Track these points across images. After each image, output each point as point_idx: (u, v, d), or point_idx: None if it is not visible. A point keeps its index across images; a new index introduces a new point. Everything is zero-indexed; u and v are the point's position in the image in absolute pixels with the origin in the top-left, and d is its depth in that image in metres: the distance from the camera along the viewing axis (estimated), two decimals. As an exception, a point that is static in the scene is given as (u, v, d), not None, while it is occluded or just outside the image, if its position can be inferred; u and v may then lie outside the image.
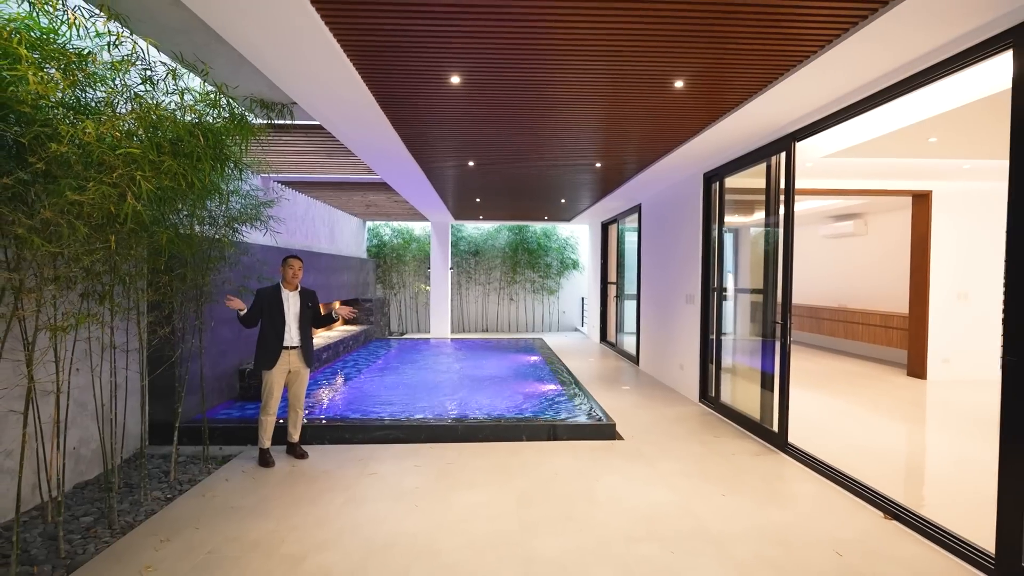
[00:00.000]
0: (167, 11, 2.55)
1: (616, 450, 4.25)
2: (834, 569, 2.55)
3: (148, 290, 3.42)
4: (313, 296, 4.14)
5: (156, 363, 4.06)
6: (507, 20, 2.56)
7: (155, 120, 2.55)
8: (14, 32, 2.06)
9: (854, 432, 4.67)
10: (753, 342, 5.02)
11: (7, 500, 3.00)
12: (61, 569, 2.52)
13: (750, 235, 5.34)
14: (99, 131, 2.22)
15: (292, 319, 3.93)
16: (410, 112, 4.01)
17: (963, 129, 4.49)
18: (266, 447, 3.89)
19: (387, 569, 2.54)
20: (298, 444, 4.11)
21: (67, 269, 2.52)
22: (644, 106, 3.84)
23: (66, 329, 2.51)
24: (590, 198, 8.44)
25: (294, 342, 3.93)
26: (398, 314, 13.20)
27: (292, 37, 2.67)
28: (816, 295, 10.16)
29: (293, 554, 2.66)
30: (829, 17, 2.51)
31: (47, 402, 3.14)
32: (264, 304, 3.88)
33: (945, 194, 6.79)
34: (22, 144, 2.19)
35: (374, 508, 3.21)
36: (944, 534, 2.75)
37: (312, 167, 6.44)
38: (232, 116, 3.08)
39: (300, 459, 4.01)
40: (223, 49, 2.91)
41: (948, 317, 6.79)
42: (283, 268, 3.99)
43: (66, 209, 2.21)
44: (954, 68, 2.76)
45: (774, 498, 3.36)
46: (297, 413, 4.07)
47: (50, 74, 2.14)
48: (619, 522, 3.02)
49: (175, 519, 3.05)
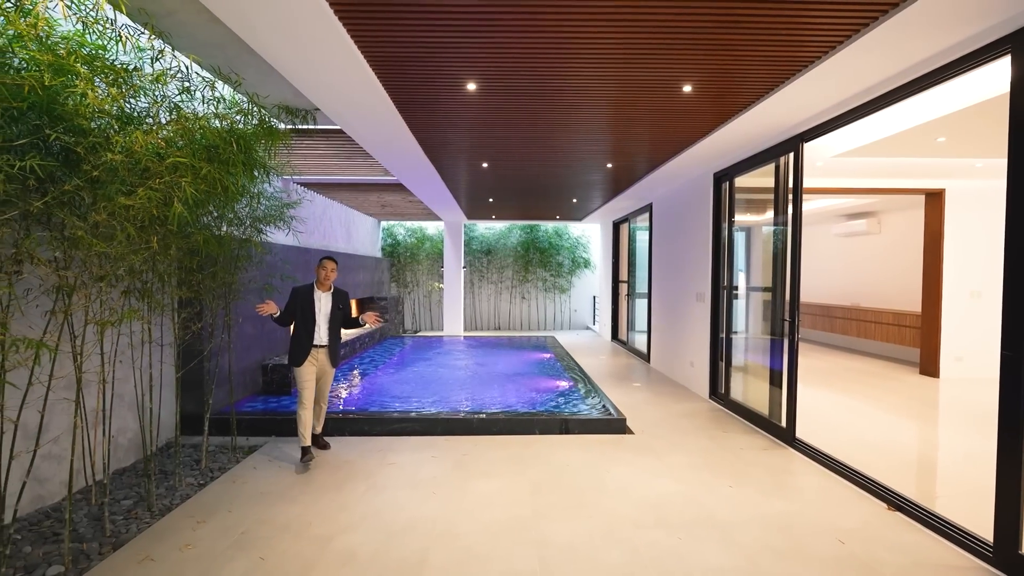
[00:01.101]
0: (205, 27, 2.74)
1: (626, 444, 4.37)
2: (834, 555, 2.65)
3: (182, 288, 3.63)
4: (345, 298, 4.21)
5: (187, 357, 4.28)
6: (523, 31, 2.70)
7: (197, 129, 2.74)
8: (71, 51, 2.24)
9: (863, 428, 4.73)
10: (763, 340, 5.11)
11: (53, 484, 3.23)
12: (108, 546, 2.72)
13: (760, 234, 5.42)
14: (145, 140, 2.41)
15: (322, 319, 4.00)
16: (427, 117, 4.17)
17: (971, 129, 4.53)
18: (308, 444, 3.91)
19: (408, 550, 2.70)
20: (321, 436, 4.28)
21: (113, 268, 2.72)
22: (654, 109, 3.96)
23: (114, 324, 2.71)
24: (601, 198, 8.55)
25: (323, 341, 4.01)
26: (412, 312, 13.41)
27: (319, 49, 2.84)
28: (829, 294, 10.15)
29: (321, 535, 2.84)
30: (833, 24, 2.61)
31: (89, 393, 3.36)
32: (297, 303, 3.99)
33: (958, 192, 6.79)
34: (74, 153, 2.39)
35: (394, 495, 3.37)
36: (944, 524, 2.84)
37: (331, 169, 6.65)
38: (261, 123, 3.26)
39: (323, 450, 4.21)
40: (253, 60, 3.09)
41: (962, 315, 6.79)
42: (317, 269, 4.06)
43: (116, 212, 2.40)
44: (956, 72, 2.84)
45: (780, 490, 3.46)
46: (321, 407, 4.22)
47: (103, 89, 2.33)
48: (628, 510, 3.15)
49: (209, 503, 3.25)
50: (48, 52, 2.17)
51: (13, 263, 2.38)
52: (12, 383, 2.20)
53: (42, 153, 2.28)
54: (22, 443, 2.73)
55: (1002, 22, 2.50)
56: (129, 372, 3.75)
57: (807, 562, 2.59)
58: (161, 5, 2.61)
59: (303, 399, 3.95)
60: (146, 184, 2.41)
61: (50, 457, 3.18)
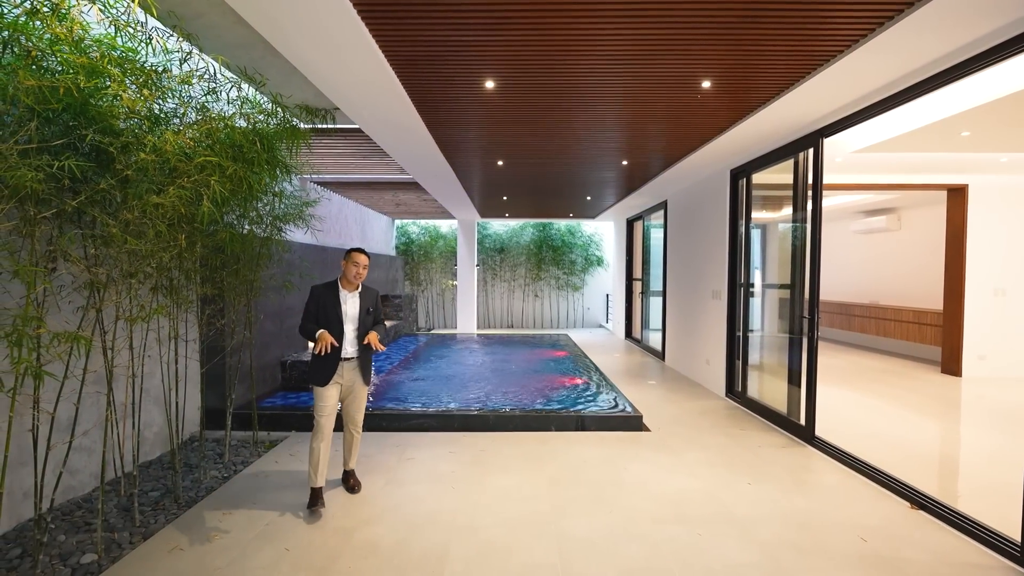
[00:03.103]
0: (231, 29, 2.80)
1: (643, 441, 4.37)
2: (857, 552, 2.64)
3: (206, 285, 3.70)
4: (374, 297, 3.40)
5: (210, 353, 4.37)
6: (541, 28, 2.72)
7: (223, 129, 2.80)
8: (103, 54, 2.31)
9: (884, 427, 4.68)
10: (780, 337, 5.07)
11: (83, 476, 3.32)
12: (138, 536, 2.80)
13: (777, 231, 5.37)
14: (175, 140, 2.47)
15: (349, 324, 3.21)
16: (445, 115, 4.21)
17: (997, 123, 4.44)
18: (317, 485, 3.11)
19: (430, 542, 2.74)
20: (353, 473, 3.44)
21: (141, 265, 2.79)
22: (671, 105, 3.95)
23: (144, 319, 2.78)
24: (615, 195, 8.53)
25: (349, 352, 3.20)
26: (426, 310, 13.50)
27: (341, 50, 2.89)
28: (847, 291, 10.02)
29: (343, 527, 2.89)
30: (857, 17, 2.58)
31: (117, 387, 3.44)
32: (319, 305, 3.20)
33: (982, 188, 6.66)
34: (106, 153, 2.46)
35: (413, 489, 3.42)
36: (970, 523, 2.81)
37: (347, 168, 6.72)
38: (284, 122, 3.32)
39: (352, 493, 3.34)
40: (276, 61, 3.15)
41: (985, 313, 6.67)
42: (345, 263, 3.20)
43: (146, 211, 2.47)
44: (982, 65, 2.79)
45: (799, 487, 3.44)
46: (353, 436, 3.37)
47: (136, 90, 2.40)
48: (646, 505, 3.16)
49: (233, 495, 3.32)
50: (82, 55, 2.23)
51: (48, 260, 2.46)
52: (52, 373, 2.27)
53: (75, 153, 2.36)
54: (55, 435, 2.82)
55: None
56: (156, 367, 3.84)
57: (829, 559, 2.58)
58: (190, 7, 2.67)
59: (320, 427, 3.12)
60: (175, 183, 2.47)
61: (80, 449, 3.27)
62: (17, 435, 2.74)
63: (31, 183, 2.01)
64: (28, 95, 2.03)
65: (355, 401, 3.32)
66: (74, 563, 2.53)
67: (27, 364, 2.13)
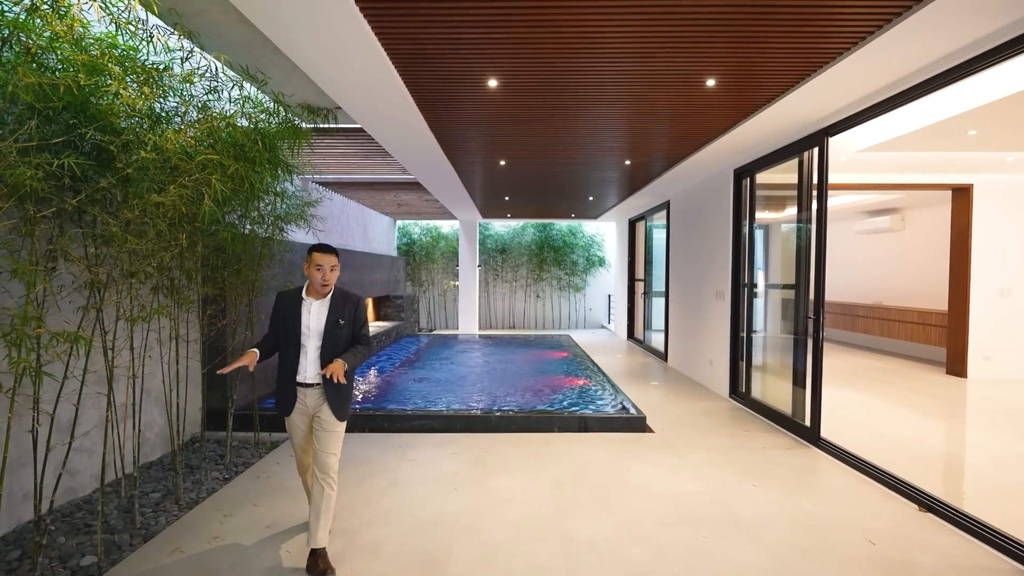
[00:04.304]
0: (233, 27, 2.78)
1: (646, 442, 4.34)
2: (865, 555, 2.60)
3: (207, 285, 3.68)
4: (353, 306, 2.60)
5: (211, 354, 4.35)
6: (544, 26, 2.69)
7: (224, 128, 2.78)
8: (104, 52, 2.29)
9: (889, 428, 4.64)
10: (784, 338, 5.03)
11: (83, 477, 3.30)
12: (138, 538, 2.77)
13: (781, 231, 5.34)
14: (176, 138, 2.45)
15: (311, 340, 2.49)
16: (447, 114, 4.18)
17: (1004, 121, 4.41)
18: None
19: (433, 544, 2.71)
20: (322, 555, 2.41)
21: (142, 265, 2.77)
22: (676, 105, 3.92)
23: (145, 319, 2.76)
24: (618, 195, 8.50)
25: (309, 377, 2.48)
26: (427, 311, 13.48)
27: (344, 48, 2.87)
28: (851, 292, 9.97)
29: (347, 529, 2.86)
30: (864, 13, 2.55)
31: (118, 388, 3.42)
32: (279, 316, 2.57)
33: (987, 187, 6.62)
34: (106, 151, 2.44)
35: (416, 491, 3.39)
36: (980, 526, 2.77)
37: (349, 168, 6.70)
38: (285, 122, 3.30)
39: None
40: (278, 60, 3.13)
41: (990, 314, 6.62)
42: (307, 267, 2.51)
43: (147, 210, 2.45)
44: (992, 62, 2.76)
45: (805, 489, 3.41)
46: (323, 491, 2.44)
47: (136, 88, 2.38)
48: (651, 507, 3.13)
49: (234, 497, 3.30)
50: (83, 52, 2.21)
51: (48, 259, 2.44)
52: (51, 374, 2.25)
53: (76, 152, 2.34)
54: (55, 436, 2.80)
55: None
56: (156, 368, 3.82)
57: (837, 563, 2.55)
58: (191, 5, 2.65)
59: (298, 462, 2.72)
60: (176, 182, 2.45)
61: (81, 450, 3.25)
62: (17, 436, 2.72)
63: (31, 181, 1.99)
64: (28, 93, 2.01)
65: (321, 440, 2.48)
66: (74, 565, 2.50)
67: (26, 364, 2.11)
